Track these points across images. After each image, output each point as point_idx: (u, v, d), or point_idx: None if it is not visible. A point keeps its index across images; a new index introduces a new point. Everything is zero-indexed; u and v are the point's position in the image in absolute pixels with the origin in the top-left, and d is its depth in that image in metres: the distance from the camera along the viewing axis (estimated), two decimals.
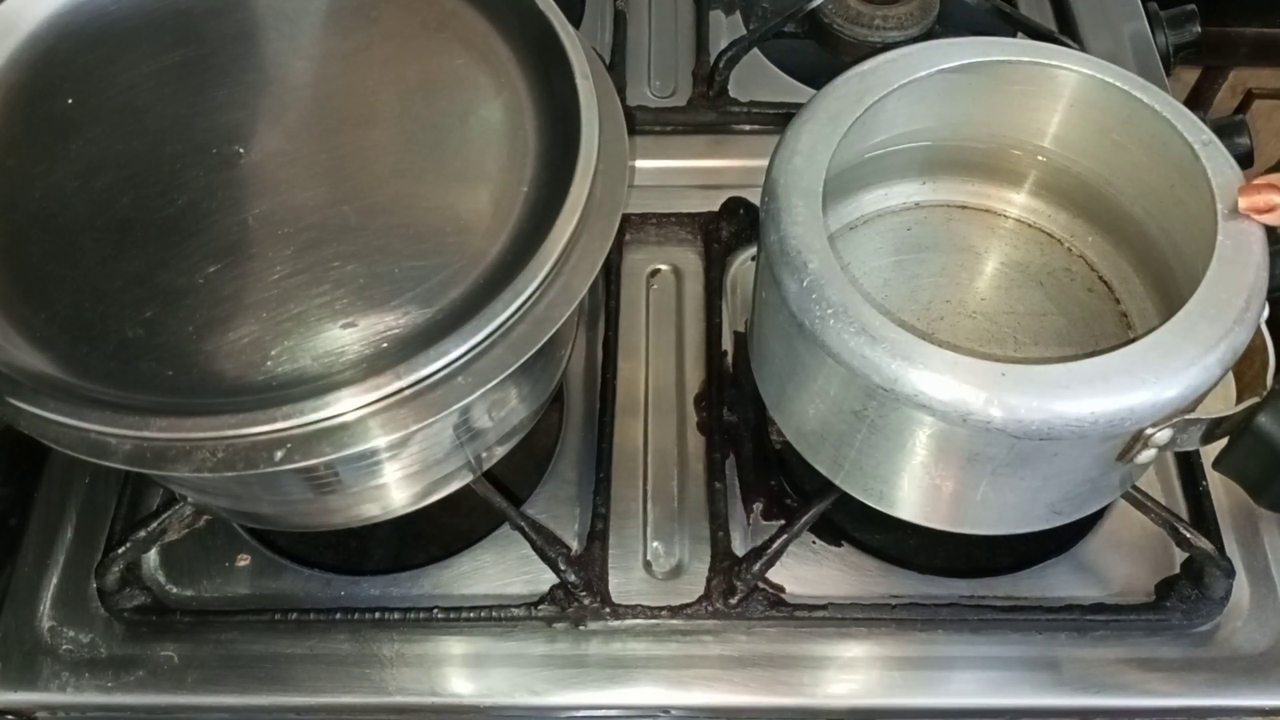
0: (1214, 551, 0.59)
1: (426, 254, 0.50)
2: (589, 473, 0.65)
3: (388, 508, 0.57)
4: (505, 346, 0.47)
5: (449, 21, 0.57)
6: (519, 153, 0.53)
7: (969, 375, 0.46)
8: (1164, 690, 0.59)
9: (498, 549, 0.63)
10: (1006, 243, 0.64)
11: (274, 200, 0.51)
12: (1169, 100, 0.54)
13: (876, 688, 0.59)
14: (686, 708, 0.59)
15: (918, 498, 0.55)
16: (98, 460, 0.45)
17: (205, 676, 0.60)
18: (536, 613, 0.60)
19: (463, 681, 0.60)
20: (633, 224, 0.75)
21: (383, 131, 0.54)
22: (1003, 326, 0.61)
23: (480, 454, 0.57)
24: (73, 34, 0.56)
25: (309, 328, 0.48)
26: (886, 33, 0.80)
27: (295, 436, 0.44)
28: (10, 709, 0.60)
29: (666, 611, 0.60)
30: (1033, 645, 0.60)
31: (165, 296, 0.49)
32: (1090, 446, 0.48)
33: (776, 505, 0.64)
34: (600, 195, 0.50)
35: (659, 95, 0.82)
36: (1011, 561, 0.62)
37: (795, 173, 0.52)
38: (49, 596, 0.63)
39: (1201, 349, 0.46)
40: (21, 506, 0.66)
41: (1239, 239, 0.49)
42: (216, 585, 0.63)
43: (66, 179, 0.52)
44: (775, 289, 0.50)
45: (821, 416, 0.54)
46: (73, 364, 0.47)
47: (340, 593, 0.62)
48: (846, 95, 0.54)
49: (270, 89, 0.55)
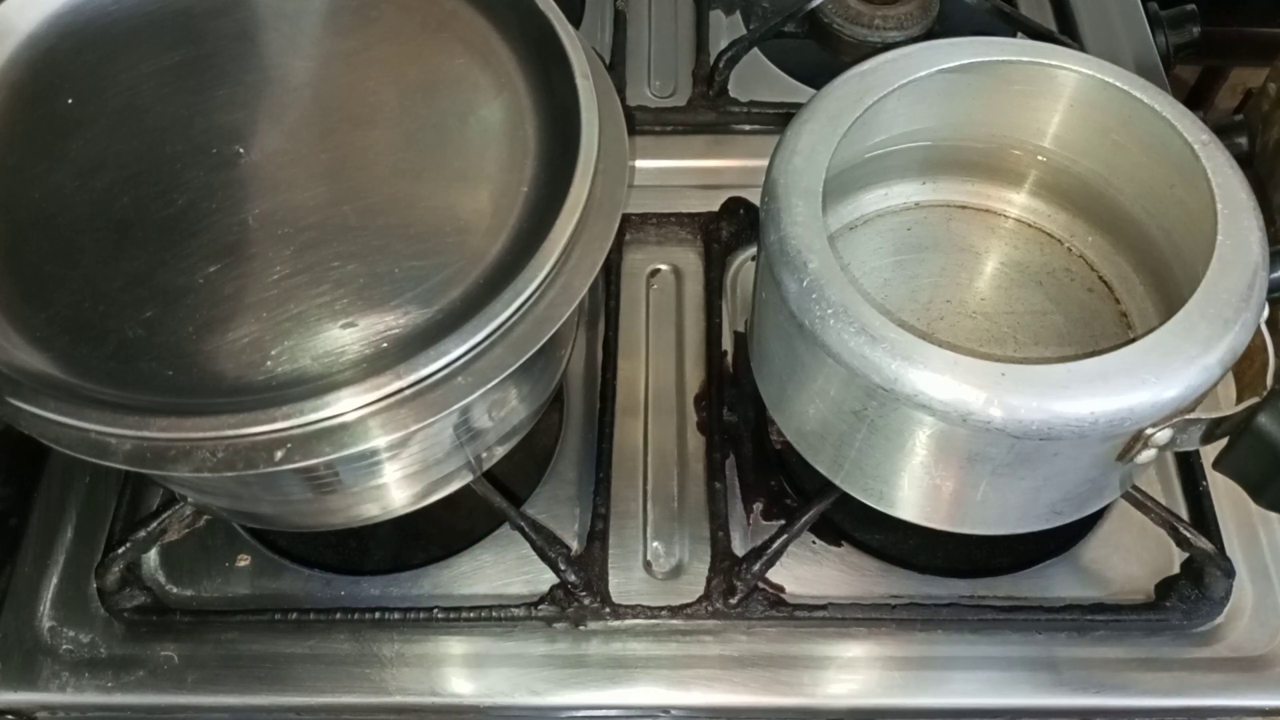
0: (1214, 551, 0.59)
1: (426, 254, 0.50)
2: (589, 473, 0.65)
3: (388, 508, 0.57)
4: (505, 346, 0.47)
5: (449, 21, 0.57)
6: (519, 153, 0.53)
7: (969, 375, 0.46)
8: (1164, 690, 0.59)
9: (498, 549, 0.63)
10: (1006, 243, 0.64)
11: (274, 200, 0.51)
12: (1169, 100, 0.54)
13: (876, 688, 0.59)
14: (686, 708, 0.59)
15: (918, 498, 0.55)
16: (98, 460, 0.45)
17: (205, 676, 0.60)
18: (536, 613, 0.60)
19: (463, 681, 0.60)
20: (633, 224, 0.75)
21: (383, 131, 0.54)
22: (1003, 326, 0.61)
23: (480, 454, 0.57)
24: (73, 34, 0.56)
25: (309, 328, 0.48)
26: (886, 33, 0.80)
27: (295, 436, 0.44)
28: (10, 709, 0.60)
29: (666, 611, 0.60)
30: (1033, 645, 0.60)
31: (165, 296, 0.49)
32: (1090, 446, 0.48)
33: (776, 505, 0.64)
34: (600, 195, 0.50)
35: (659, 95, 0.82)
36: (1011, 561, 0.62)
37: (795, 173, 0.52)
38: (49, 596, 0.63)
39: (1201, 349, 0.46)
40: (21, 506, 0.66)
41: (1239, 239, 0.49)
42: (216, 585, 0.63)
43: (66, 179, 0.52)
44: (775, 289, 0.50)
45: (821, 416, 0.54)
46: (73, 364, 0.47)
47: (340, 593, 0.62)
48: (846, 95, 0.54)
49: (270, 89, 0.55)
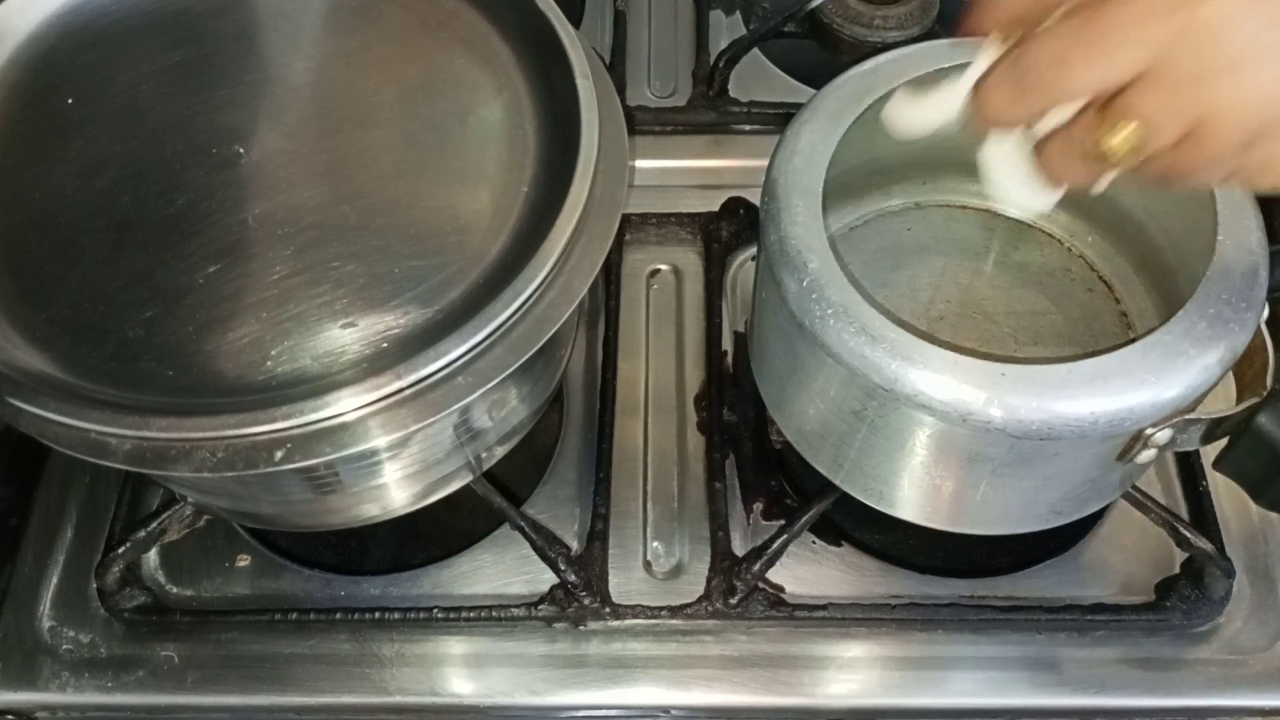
0: (1214, 551, 0.59)
1: (426, 254, 0.50)
2: (589, 473, 0.65)
3: (388, 508, 0.57)
4: (505, 346, 0.47)
5: (449, 21, 0.57)
6: (519, 153, 0.53)
7: (969, 375, 0.46)
8: (1164, 690, 0.59)
9: (498, 549, 0.63)
10: (1006, 243, 0.64)
11: (274, 200, 0.51)
12: None
13: (876, 688, 0.59)
14: (686, 708, 0.59)
15: (918, 498, 0.55)
16: (98, 460, 0.45)
17: (205, 676, 0.60)
18: (536, 613, 0.60)
19: (463, 681, 0.60)
20: (633, 224, 0.75)
21: (383, 131, 0.54)
22: (1003, 326, 0.61)
23: (480, 454, 0.57)
24: (73, 34, 0.56)
25: (309, 328, 0.48)
26: (886, 33, 0.80)
27: (295, 436, 0.44)
28: (10, 709, 0.60)
29: (666, 611, 0.60)
30: (1033, 645, 0.60)
31: (165, 296, 0.49)
32: (1090, 446, 0.48)
33: (776, 505, 0.64)
34: (600, 195, 0.50)
35: (659, 95, 0.82)
36: (1011, 561, 0.62)
37: (795, 173, 0.52)
38: (49, 596, 0.63)
39: (1201, 349, 0.46)
40: (21, 506, 0.66)
41: (1239, 239, 0.49)
42: (216, 585, 0.63)
43: (66, 179, 0.52)
44: (775, 289, 0.50)
45: (821, 416, 0.54)
46: (73, 364, 0.47)
47: (340, 593, 0.62)
48: (846, 95, 0.54)
49: (270, 89, 0.55)
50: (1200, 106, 0.36)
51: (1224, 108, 0.36)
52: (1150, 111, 0.37)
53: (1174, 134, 0.37)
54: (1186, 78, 0.36)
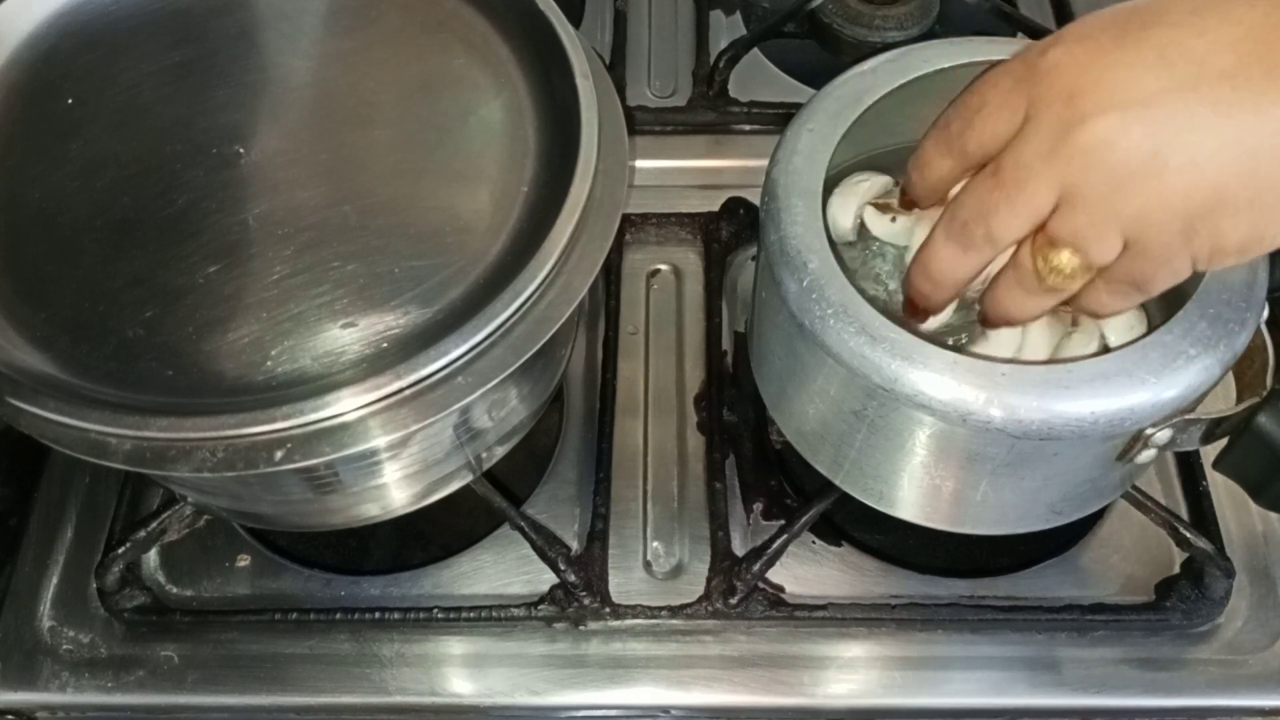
0: (1214, 551, 0.59)
1: (426, 254, 0.50)
2: (589, 473, 0.65)
3: (388, 508, 0.57)
4: (505, 346, 0.47)
5: (449, 21, 0.57)
6: (519, 153, 0.53)
7: (969, 375, 0.46)
8: (1164, 690, 0.59)
9: (498, 549, 0.63)
10: None
11: (274, 200, 0.51)
12: None
13: (876, 688, 0.59)
14: (686, 708, 0.59)
15: (918, 498, 0.55)
16: (98, 460, 0.45)
17: (205, 676, 0.60)
18: (536, 613, 0.60)
19: (463, 681, 0.60)
20: (633, 224, 0.75)
21: (383, 131, 0.54)
22: None
23: (480, 454, 0.57)
24: (73, 34, 0.56)
25: (309, 328, 0.48)
26: (886, 33, 0.80)
27: (295, 436, 0.44)
28: (10, 709, 0.60)
29: (666, 611, 0.60)
30: (1033, 645, 0.60)
31: (165, 296, 0.49)
32: (1090, 446, 0.48)
33: (776, 505, 0.64)
34: (600, 195, 0.50)
35: (659, 95, 0.82)
36: (1011, 561, 0.62)
37: (795, 173, 0.52)
38: (49, 596, 0.63)
39: (1201, 349, 0.46)
40: (21, 506, 0.66)
41: None
42: (216, 585, 0.63)
43: (66, 179, 0.52)
44: (775, 289, 0.50)
45: (821, 416, 0.54)
46: (73, 364, 0.47)
47: (340, 593, 0.62)
48: (846, 95, 0.54)
49: (270, 89, 0.55)
50: (1122, 216, 0.38)
51: (1145, 210, 0.37)
52: (1074, 234, 0.39)
53: (1109, 248, 0.39)
54: (1096, 196, 0.37)
